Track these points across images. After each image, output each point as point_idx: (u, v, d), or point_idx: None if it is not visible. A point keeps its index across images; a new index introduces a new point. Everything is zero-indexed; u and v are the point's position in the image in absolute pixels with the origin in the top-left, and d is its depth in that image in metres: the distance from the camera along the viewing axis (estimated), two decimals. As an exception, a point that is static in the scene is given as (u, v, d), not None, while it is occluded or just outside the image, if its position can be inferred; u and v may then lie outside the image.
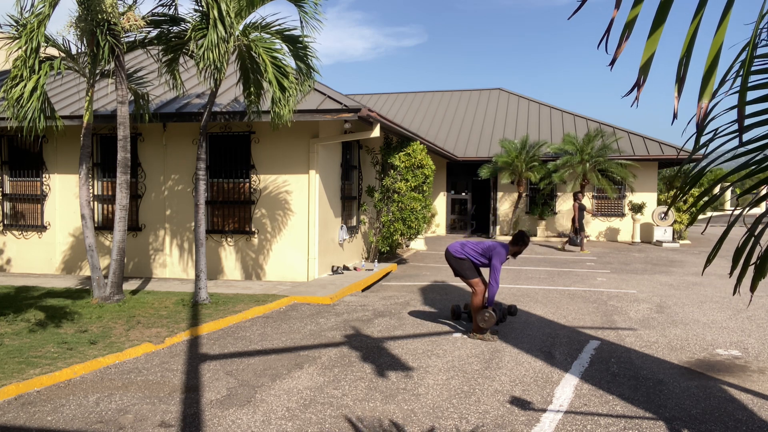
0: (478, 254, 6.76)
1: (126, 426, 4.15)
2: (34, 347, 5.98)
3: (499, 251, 6.62)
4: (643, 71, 1.63)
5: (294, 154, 10.44)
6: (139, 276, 11.06)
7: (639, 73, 1.64)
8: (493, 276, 6.54)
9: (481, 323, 6.53)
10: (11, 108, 7.75)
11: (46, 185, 11.59)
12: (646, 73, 1.64)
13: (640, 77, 1.63)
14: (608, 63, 1.68)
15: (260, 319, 7.65)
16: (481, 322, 6.53)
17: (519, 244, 6.76)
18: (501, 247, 6.67)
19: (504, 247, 6.69)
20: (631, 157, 19.97)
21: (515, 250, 6.78)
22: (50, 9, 7.62)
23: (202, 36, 7.54)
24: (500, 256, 6.60)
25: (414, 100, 28.71)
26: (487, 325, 6.52)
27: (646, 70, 1.64)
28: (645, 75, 1.64)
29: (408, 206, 12.40)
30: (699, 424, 4.30)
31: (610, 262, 14.24)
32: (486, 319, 6.50)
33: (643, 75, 1.64)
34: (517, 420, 4.32)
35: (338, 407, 4.54)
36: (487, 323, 6.51)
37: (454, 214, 23.98)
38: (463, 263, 6.80)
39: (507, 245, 6.76)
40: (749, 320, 7.77)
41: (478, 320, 6.56)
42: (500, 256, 6.60)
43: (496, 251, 6.62)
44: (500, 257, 6.59)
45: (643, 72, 1.63)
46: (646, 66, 1.64)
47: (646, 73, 1.64)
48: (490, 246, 6.75)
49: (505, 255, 6.68)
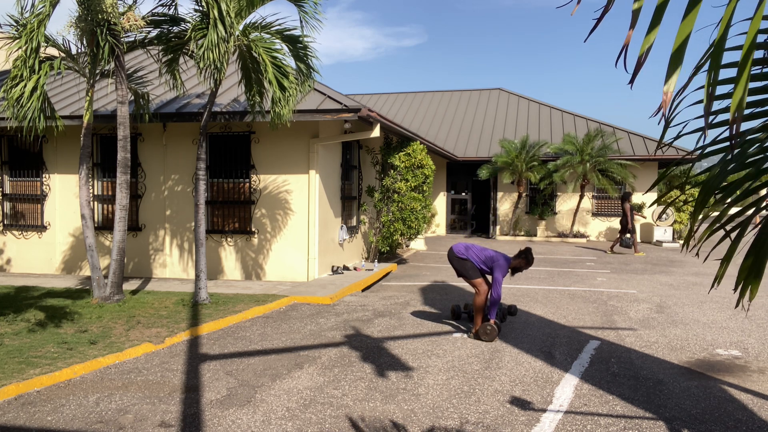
0: (481, 261, 6.73)
1: (126, 426, 4.15)
2: (34, 347, 5.98)
3: (501, 264, 6.57)
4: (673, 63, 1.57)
5: (294, 154, 10.44)
6: (139, 276, 11.06)
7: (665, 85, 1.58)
8: (494, 289, 6.52)
9: (484, 337, 6.52)
10: (11, 108, 7.75)
11: (46, 185, 11.59)
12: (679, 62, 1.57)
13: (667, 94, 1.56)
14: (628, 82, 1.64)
15: (260, 319, 7.65)
16: (483, 335, 6.52)
17: (522, 259, 6.66)
18: (503, 260, 6.62)
19: (506, 261, 6.64)
20: (631, 157, 19.98)
21: (516, 264, 6.69)
22: (50, 9, 7.63)
23: (202, 36, 7.54)
24: (502, 270, 6.57)
25: (414, 100, 28.71)
26: (490, 339, 6.50)
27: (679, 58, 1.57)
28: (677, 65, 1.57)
29: (408, 206, 12.40)
30: (699, 424, 4.30)
31: (610, 262, 14.24)
32: (488, 332, 6.50)
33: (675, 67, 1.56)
34: (517, 420, 4.32)
35: (338, 407, 4.54)
36: (490, 336, 6.50)
37: (454, 214, 23.99)
38: (465, 264, 6.79)
39: (509, 258, 6.71)
40: (749, 320, 7.77)
41: (480, 333, 6.54)
42: (502, 269, 6.57)
43: (498, 264, 6.57)
44: (502, 270, 6.56)
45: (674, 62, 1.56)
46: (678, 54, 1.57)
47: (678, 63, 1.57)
48: (493, 257, 6.67)
49: (507, 268, 6.64)
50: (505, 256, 6.72)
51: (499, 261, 6.61)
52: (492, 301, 6.54)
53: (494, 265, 6.60)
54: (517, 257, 6.72)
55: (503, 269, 6.58)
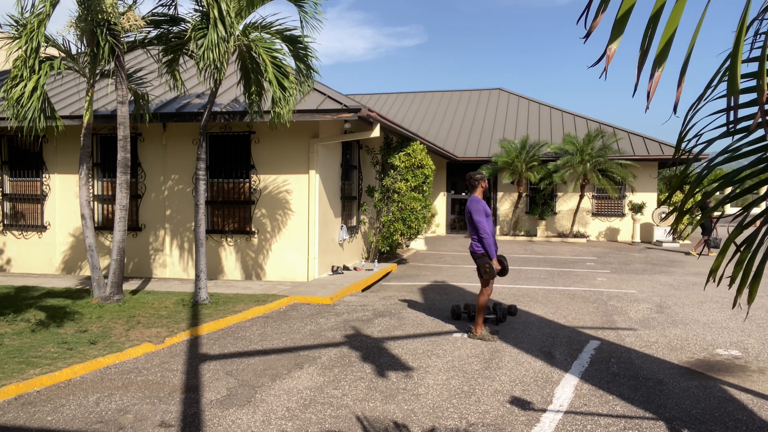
0: (471, 228, 6.73)
1: (126, 426, 4.15)
2: (34, 347, 5.98)
3: (473, 207, 6.61)
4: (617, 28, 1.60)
5: (294, 154, 10.44)
6: (139, 276, 11.06)
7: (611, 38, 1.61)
8: (480, 230, 6.53)
9: (484, 274, 6.58)
10: (11, 108, 7.75)
11: (46, 185, 11.59)
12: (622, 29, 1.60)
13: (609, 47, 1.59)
14: (583, 36, 1.66)
15: (260, 319, 7.64)
16: (484, 273, 6.57)
17: (476, 183, 6.74)
18: (472, 202, 6.67)
19: (473, 199, 6.68)
20: (631, 157, 19.99)
21: (481, 191, 6.76)
22: (50, 9, 7.63)
23: (202, 36, 7.54)
24: (477, 210, 6.56)
25: (414, 100, 28.71)
26: (490, 276, 6.56)
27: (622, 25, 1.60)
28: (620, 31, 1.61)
29: (408, 206, 12.40)
30: (699, 424, 4.30)
31: (610, 262, 14.24)
32: (488, 270, 6.55)
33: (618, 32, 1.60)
34: (517, 420, 4.32)
35: (338, 407, 4.54)
36: (489, 274, 6.56)
37: (454, 214, 23.99)
38: (482, 260, 6.75)
39: (473, 195, 6.76)
40: (749, 320, 7.77)
41: (482, 273, 6.60)
42: (477, 210, 6.57)
43: (472, 209, 6.61)
44: (477, 211, 6.56)
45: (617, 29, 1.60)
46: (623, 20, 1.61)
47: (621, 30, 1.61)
48: (467, 209, 6.74)
49: (480, 202, 6.64)
50: (472, 197, 6.77)
51: (469, 205, 6.66)
52: (486, 241, 6.54)
53: (470, 213, 6.63)
54: (473, 189, 6.80)
55: (477, 207, 6.58)
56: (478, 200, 6.69)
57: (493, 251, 6.56)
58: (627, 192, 20.91)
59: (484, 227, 6.54)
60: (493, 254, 6.57)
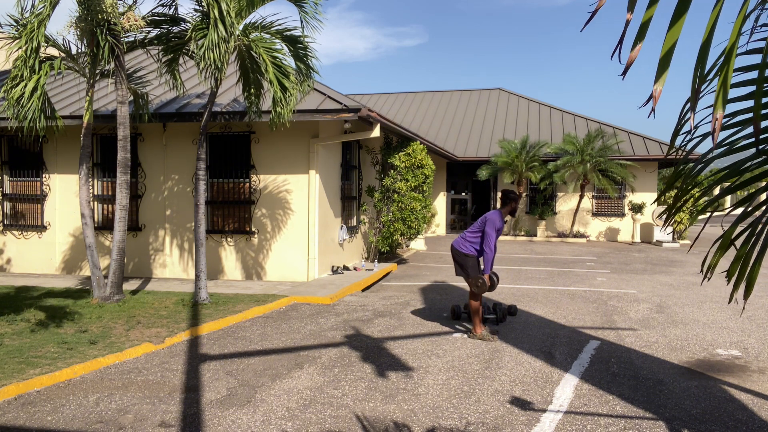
0: (475, 231, 6.71)
1: (126, 426, 4.15)
2: (34, 347, 5.98)
3: (492, 218, 6.56)
4: (662, 66, 1.61)
5: (294, 154, 10.44)
6: (139, 276, 11.06)
7: (656, 77, 1.61)
8: (486, 243, 6.49)
9: (474, 288, 6.55)
10: (12, 108, 7.75)
11: (46, 185, 11.59)
12: (667, 66, 1.61)
13: (656, 88, 1.60)
14: (620, 73, 1.67)
15: (260, 319, 7.64)
16: (474, 287, 6.54)
17: (508, 201, 6.69)
18: (494, 213, 6.62)
19: (497, 213, 6.64)
20: (632, 157, 20.00)
21: (509, 209, 6.71)
22: (50, 9, 7.62)
23: (202, 36, 7.54)
24: (493, 223, 6.53)
25: (414, 100, 28.71)
26: (480, 291, 6.52)
27: (667, 63, 1.61)
28: (664, 69, 1.61)
29: (408, 206, 12.40)
30: (699, 424, 4.30)
31: (610, 262, 14.24)
32: (479, 286, 6.51)
33: (663, 70, 1.60)
34: (517, 420, 4.32)
35: (338, 407, 4.54)
36: (480, 289, 6.51)
37: (454, 214, 24.00)
38: (468, 260, 6.75)
39: (499, 210, 6.71)
40: (749, 320, 7.77)
41: (471, 286, 6.59)
42: (493, 222, 6.54)
43: (489, 219, 6.57)
44: (493, 224, 6.53)
45: (662, 67, 1.61)
46: (666, 58, 1.62)
47: (666, 67, 1.61)
48: (484, 216, 6.69)
49: (501, 220, 6.60)
50: (496, 209, 6.72)
51: (490, 216, 6.60)
52: (486, 256, 6.50)
53: (486, 221, 6.58)
54: (503, 205, 6.72)
55: (495, 223, 6.54)
56: (500, 216, 6.63)
57: (489, 267, 6.53)
58: (627, 192, 20.91)
59: (490, 241, 6.51)
60: (488, 270, 6.54)
